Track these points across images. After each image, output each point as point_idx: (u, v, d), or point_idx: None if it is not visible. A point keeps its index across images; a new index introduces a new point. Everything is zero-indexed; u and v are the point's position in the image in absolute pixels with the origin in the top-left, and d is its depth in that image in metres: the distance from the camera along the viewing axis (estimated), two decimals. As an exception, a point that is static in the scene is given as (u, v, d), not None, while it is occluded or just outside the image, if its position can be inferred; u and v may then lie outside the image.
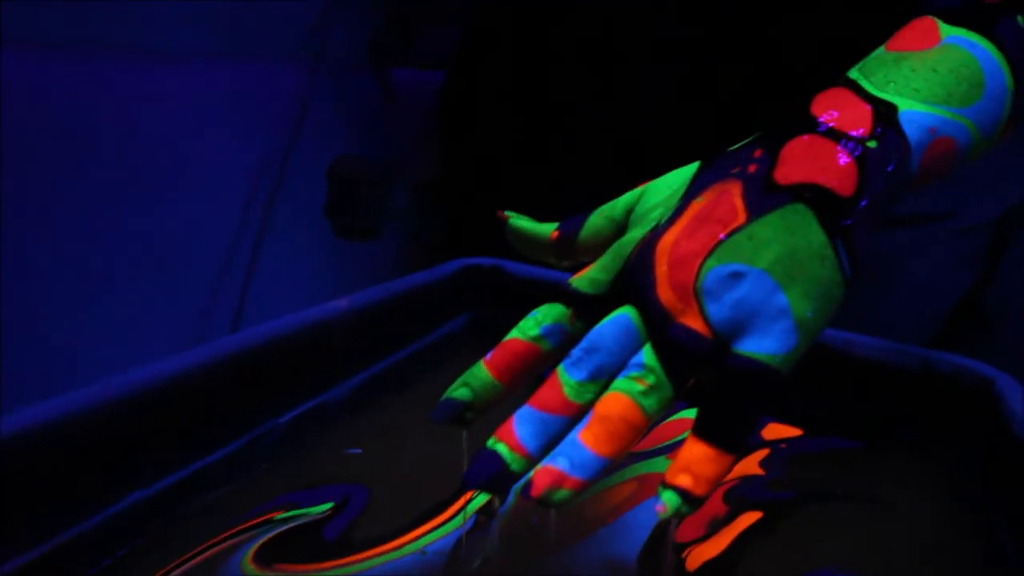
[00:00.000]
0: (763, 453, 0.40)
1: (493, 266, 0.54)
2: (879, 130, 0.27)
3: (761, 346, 0.24)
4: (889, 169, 0.27)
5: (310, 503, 0.34)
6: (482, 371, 0.27)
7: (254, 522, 0.32)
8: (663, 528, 0.33)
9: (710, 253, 0.24)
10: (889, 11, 0.35)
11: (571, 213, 0.32)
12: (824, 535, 0.33)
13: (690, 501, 0.22)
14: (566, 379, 0.24)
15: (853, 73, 0.30)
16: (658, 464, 0.38)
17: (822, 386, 0.42)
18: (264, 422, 0.38)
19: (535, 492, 0.22)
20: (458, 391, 0.27)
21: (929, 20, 0.31)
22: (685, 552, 0.32)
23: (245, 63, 0.69)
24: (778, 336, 0.24)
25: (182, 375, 0.33)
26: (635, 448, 0.34)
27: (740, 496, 0.36)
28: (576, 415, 0.24)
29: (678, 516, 0.22)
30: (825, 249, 0.25)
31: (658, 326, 0.24)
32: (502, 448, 0.23)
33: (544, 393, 0.24)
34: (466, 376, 0.27)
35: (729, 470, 0.23)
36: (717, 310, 0.24)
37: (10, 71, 0.53)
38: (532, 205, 0.36)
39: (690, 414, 0.43)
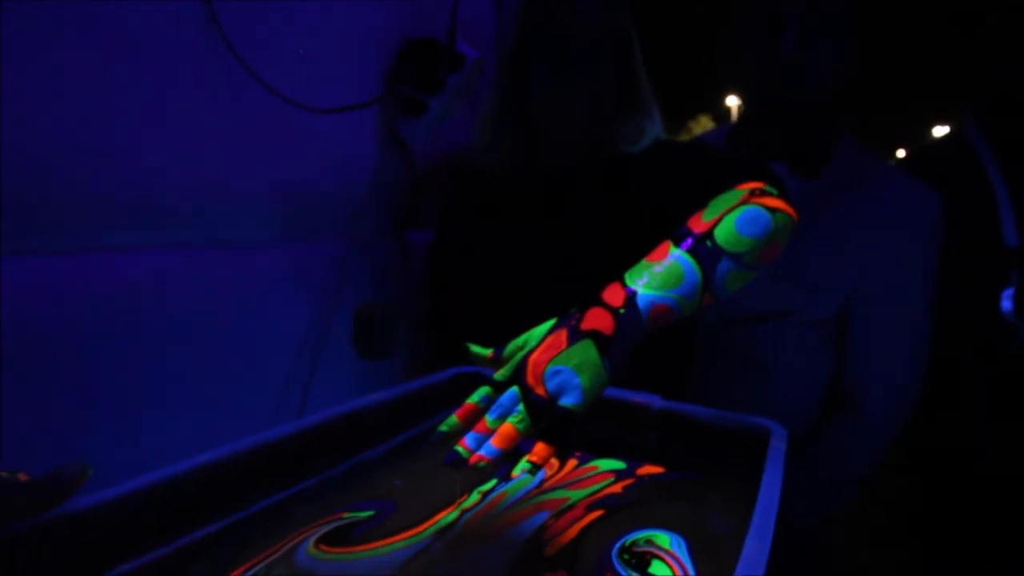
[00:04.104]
0: (629, 481, 0.62)
1: (476, 372, 0.77)
2: (627, 305, 0.53)
3: (568, 401, 0.49)
4: (630, 323, 0.53)
5: (360, 510, 0.55)
6: (452, 418, 0.51)
7: (331, 518, 0.54)
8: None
9: (550, 361, 0.50)
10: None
11: (507, 337, 0.57)
12: (643, 517, 0.55)
13: (532, 467, 0.46)
14: (488, 418, 0.49)
15: (627, 274, 0.56)
16: (555, 494, 0.59)
17: (681, 440, 0.65)
18: (331, 468, 0.60)
19: (471, 462, 0.45)
20: (442, 426, 0.51)
21: (667, 243, 0.57)
22: (548, 544, 0.51)
23: (300, 243, 0.97)
24: (576, 397, 0.49)
25: (286, 439, 0.56)
26: (545, 486, 0.57)
27: (596, 504, 0.57)
28: (491, 433, 0.48)
29: (529, 473, 0.45)
30: (598, 360, 0.51)
31: (526, 394, 0.49)
32: (460, 448, 0.47)
33: (479, 425, 0.48)
34: (446, 421, 0.51)
35: (551, 455, 0.47)
36: (551, 386, 0.49)
37: (137, 266, 0.78)
38: (488, 330, 0.61)
39: (604, 463, 0.65)
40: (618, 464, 0.66)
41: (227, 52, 0.81)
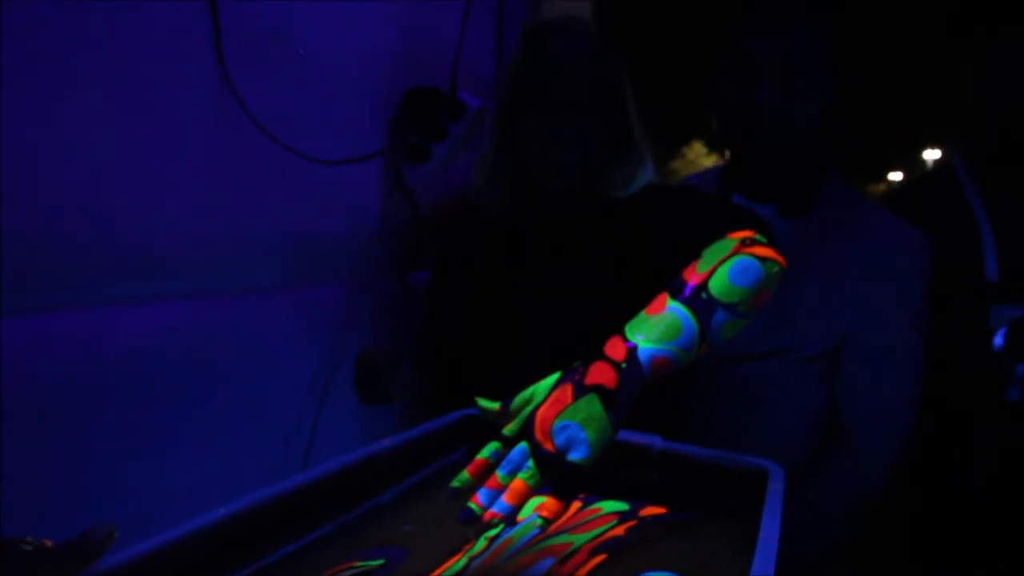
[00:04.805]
0: (632, 523, 0.63)
1: (479, 416, 0.78)
2: (628, 359, 0.55)
3: (576, 455, 0.50)
4: (632, 376, 0.55)
5: (371, 558, 0.57)
6: (464, 474, 0.52)
7: (342, 567, 0.55)
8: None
9: (556, 416, 0.52)
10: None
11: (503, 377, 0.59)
12: (645, 560, 0.56)
13: (544, 523, 0.48)
14: (499, 474, 0.50)
15: (627, 327, 0.58)
16: (559, 539, 0.61)
17: (682, 480, 0.66)
18: (342, 515, 0.61)
19: (484, 519, 0.46)
20: (454, 482, 0.52)
21: (664, 295, 0.59)
22: None
23: (307, 286, 0.99)
24: (583, 451, 0.51)
25: (298, 490, 0.58)
26: (550, 530, 0.58)
27: (600, 548, 0.58)
28: (502, 489, 0.49)
29: (540, 528, 0.47)
30: (603, 414, 0.52)
31: (535, 450, 0.51)
32: (472, 505, 0.49)
33: (491, 481, 0.50)
34: (458, 477, 0.53)
35: (563, 511, 0.49)
36: (559, 442, 0.51)
37: (146, 318, 0.79)
38: (485, 370, 0.63)
39: (608, 505, 0.66)
40: (622, 506, 0.67)
41: (237, 108, 0.84)
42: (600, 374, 0.54)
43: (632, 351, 0.56)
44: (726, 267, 0.61)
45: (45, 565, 0.39)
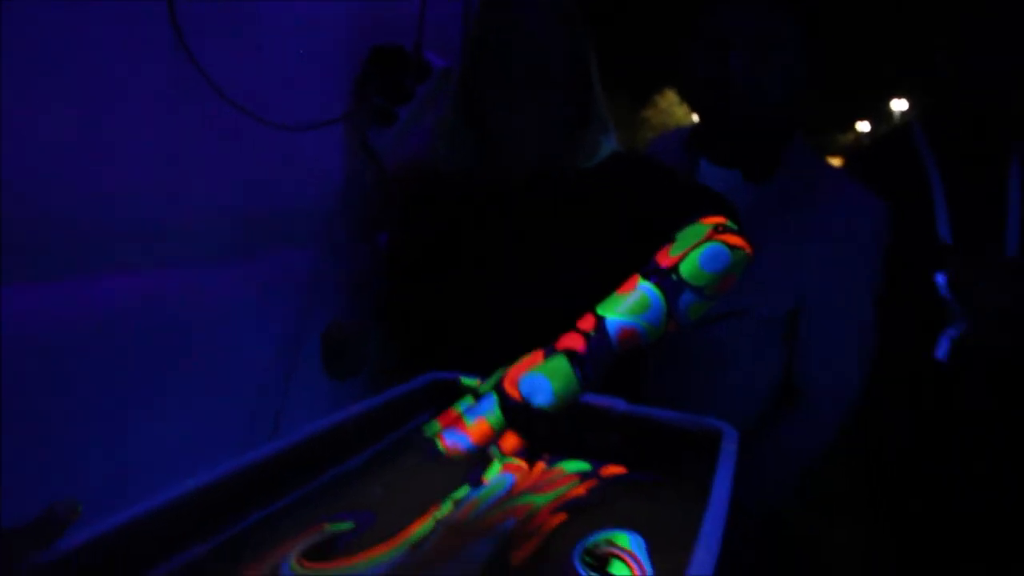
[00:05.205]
0: (593, 482, 0.65)
1: (454, 378, 0.79)
2: (596, 328, 0.59)
3: (539, 400, 0.54)
4: (600, 342, 0.58)
5: (341, 520, 0.58)
6: (435, 423, 0.56)
7: (313, 530, 0.56)
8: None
9: (526, 372, 0.55)
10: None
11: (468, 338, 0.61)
12: (604, 518, 0.58)
13: (500, 455, 0.54)
14: (465, 417, 0.54)
15: (599, 306, 0.61)
16: (523, 499, 0.63)
17: (642, 440, 0.68)
18: (314, 480, 0.63)
19: (448, 454, 0.52)
20: (426, 430, 0.56)
21: (635, 276, 0.62)
22: (514, 552, 0.55)
23: (274, 253, 0.98)
24: (547, 397, 0.55)
25: (270, 457, 0.59)
26: (514, 492, 0.61)
27: (561, 508, 0.61)
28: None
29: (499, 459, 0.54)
30: (570, 370, 0.56)
31: (502, 398, 0.54)
32: (439, 443, 0.53)
33: (458, 424, 0.54)
34: (429, 426, 0.56)
35: (520, 447, 0.54)
36: (524, 390, 0.54)
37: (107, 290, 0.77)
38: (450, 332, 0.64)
39: (570, 465, 0.69)
40: (584, 466, 0.70)
41: (195, 73, 0.82)
42: (570, 341, 0.58)
43: (600, 321, 0.60)
44: (698, 252, 0.64)
45: (12, 541, 0.40)
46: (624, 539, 0.56)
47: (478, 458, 0.58)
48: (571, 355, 0.57)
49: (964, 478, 1.04)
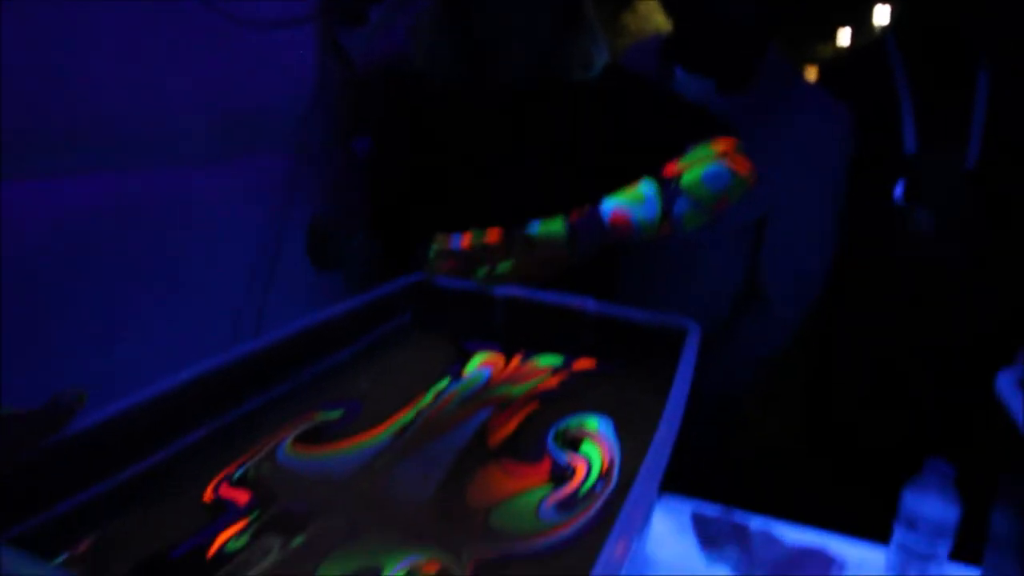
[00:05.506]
0: (564, 374, 0.70)
1: (425, 281, 0.82)
2: (592, 208, 0.65)
3: (530, 230, 0.67)
4: (594, 218, 0.66)
5: (331, 409, 0.62)
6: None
7: (306, 417, 0.60)
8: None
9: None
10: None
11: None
12: (575, 405, 0.63)
13: (483, 247, 0.72)
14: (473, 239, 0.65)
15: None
16: (499, 391, 0.67)
17: (612, 337, 0.73)
18: (306, 370, 0.66)
19: (464, 245, 0.68)
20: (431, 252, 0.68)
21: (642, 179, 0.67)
22: (492, 436, 0.59)
23: (247, 157, 0.97)
24: (536, 228, 0.68)
25: (261, 351, 0.61)
26: (491, 384, 0.64)
27: (534, 397, 0.65)
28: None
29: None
30: (562, 226, 0.66)
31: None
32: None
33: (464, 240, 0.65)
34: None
35: (502, 245, 0.68)
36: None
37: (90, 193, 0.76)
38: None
39: (544, 359, 0.73)
40: (557, 359, 0.74)
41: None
42: (569, 216, 0.67)
43: (597, 203, 0.67)
44: (703, 167, 0.69)
45: (16, 431, 0.42)
46: (593, 422, 0.61)
47: (463, 268, 0.70)
48: (566, 220, 0.68)
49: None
